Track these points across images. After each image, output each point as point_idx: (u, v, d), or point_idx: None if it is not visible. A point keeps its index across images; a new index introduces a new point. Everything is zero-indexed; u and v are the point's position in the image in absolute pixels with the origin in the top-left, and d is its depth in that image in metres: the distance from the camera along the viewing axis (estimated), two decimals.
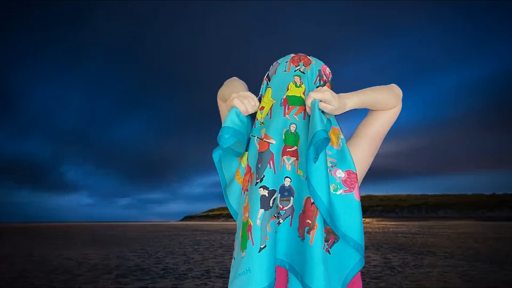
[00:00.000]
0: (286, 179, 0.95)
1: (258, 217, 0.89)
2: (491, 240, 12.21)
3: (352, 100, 0.98)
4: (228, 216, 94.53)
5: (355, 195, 0.95)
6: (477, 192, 75.24)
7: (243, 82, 1.15)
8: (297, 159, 0.96)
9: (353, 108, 0.99)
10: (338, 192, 0.95)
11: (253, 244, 0.88)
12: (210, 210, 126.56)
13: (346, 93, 1.00)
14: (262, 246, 0.88)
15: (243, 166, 1.00)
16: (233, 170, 1.02)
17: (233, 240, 14.74)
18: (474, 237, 13.40)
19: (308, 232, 0.89)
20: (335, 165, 0.97)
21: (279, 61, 1.09)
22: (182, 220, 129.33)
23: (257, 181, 0.92)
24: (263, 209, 0.89)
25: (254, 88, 1.14)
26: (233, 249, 0.96)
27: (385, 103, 1.04)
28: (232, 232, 20.29)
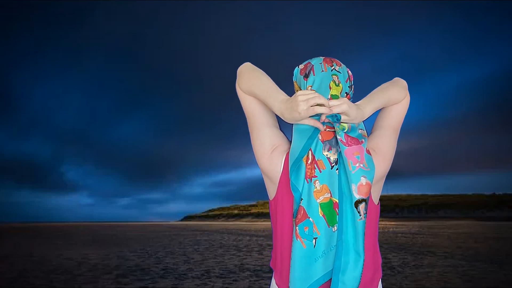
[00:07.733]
0: None
1: None
2: (491, 240, 12.22)
3: (369, 108, 1.06)
4: (228, 216, 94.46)
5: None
6: (477, 192, 74.99)
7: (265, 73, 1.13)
8: None
9: (371, 115, 1.08)
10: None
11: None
12: (210, 210, 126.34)
13: (361, 101, 1.07)
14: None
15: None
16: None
17: (233, 240, 14.63)
18: (474, 237, 13.41)
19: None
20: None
21: (312, 62, 1.10)
22: (182, 220, 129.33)
23: (332, 164, 1.02)
24: None
25: None
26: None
27: (395, 99, 1.13)
28: (231, 232, 20.26)
